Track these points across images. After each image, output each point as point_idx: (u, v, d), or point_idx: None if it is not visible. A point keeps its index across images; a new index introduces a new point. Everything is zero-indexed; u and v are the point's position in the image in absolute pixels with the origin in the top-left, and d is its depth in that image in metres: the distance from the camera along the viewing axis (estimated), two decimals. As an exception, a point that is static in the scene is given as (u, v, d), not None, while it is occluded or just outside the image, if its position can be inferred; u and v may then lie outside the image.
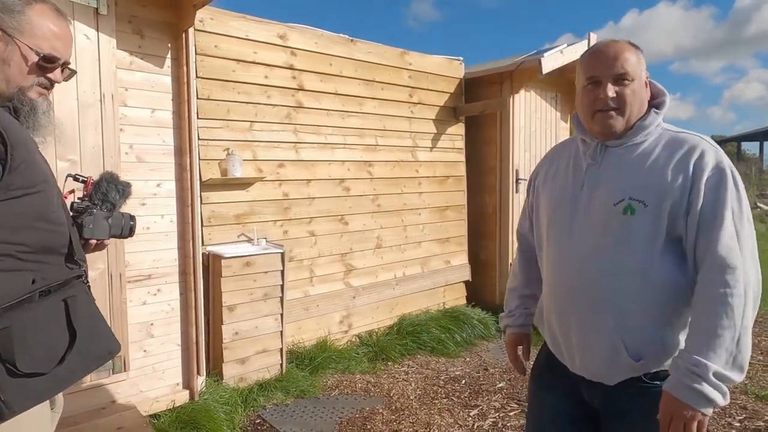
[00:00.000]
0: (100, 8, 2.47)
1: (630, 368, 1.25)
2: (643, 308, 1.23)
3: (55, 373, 1.03)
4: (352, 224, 3.98)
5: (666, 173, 1.21)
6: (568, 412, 1.41)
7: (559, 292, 1.36)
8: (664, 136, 1.29)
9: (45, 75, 1.13)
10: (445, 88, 4.64)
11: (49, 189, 1.08)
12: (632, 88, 1.26)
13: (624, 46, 1.28)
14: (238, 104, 3.32)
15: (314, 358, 3.53)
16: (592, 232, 1.29)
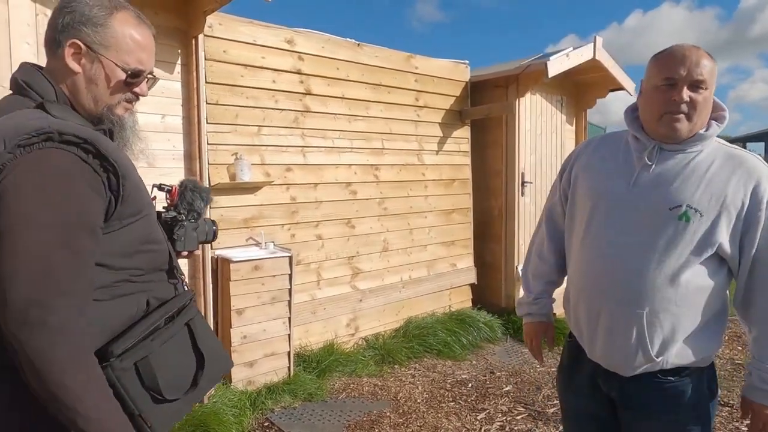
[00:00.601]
0: (112, 15, 2.49)
1: (649, 363, 1.32)
2: (675, 309, 1.28)
3: (188, 396, 1.05)
4: (358, 227, 4.00)
5: (726, 189, 1.25)
6: (593, 406, 1.48)
7: (594, 281, 1.39)
8: (719, 150, 1.31)
9: (132, 90, 1.08)
10: (451, 91, 4.65)
11: (152, 211, 1.08)
12: (705, 96, 1.27)
13: (704, 53, 1.28)
14: (246, 109, 3.35)
15: (321, 361, 3.55)
16: (640, 230, 1.31)
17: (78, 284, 0.87)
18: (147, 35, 1.10)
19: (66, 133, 0.90)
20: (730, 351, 4.11)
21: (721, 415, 3.03)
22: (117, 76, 1.04)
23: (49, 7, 2.33)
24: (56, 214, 0.87)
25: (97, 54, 1.03)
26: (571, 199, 1.51)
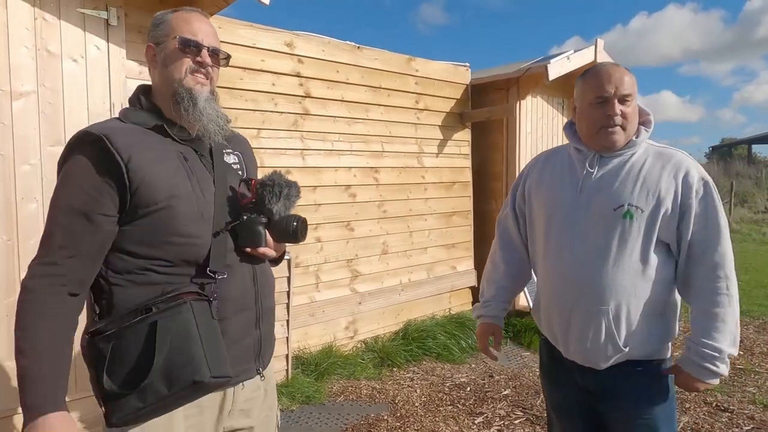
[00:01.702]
0: (111, 19, 2.50)
1: (619, 354, 1.43)
2: (635, 300, 1.40)
3: (140, 395, 1.05)
4: (358, 230, 4.00)
5: (660, 183, 1.39)
6: (574, 402, 1.59)
7: (561, 285, 1.50)
8: (650, 150, 1.46)
9: (193, 60, 1.19)
10: (451, 94, 4.65)
11: (177, 203, 1.11)
12: (632, 107, 1.43)
13: (625, 70, 1.44)
14: (246, 112, 3.35)
15: (320, 364, 3.55)
16: (593, 233, 1.43)
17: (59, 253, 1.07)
18: (199, 18, 1.24)
19: (90, 133, 1.10)
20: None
21: (721, 421, 3.01)
22: (172, 47, 1.19)
23: (47, 11, 2.34)
24: (62, 199, 1.09)
25: (159, 44, 1.21)
26: (528, 215, 1.65)
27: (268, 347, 1.33)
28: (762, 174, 18.62)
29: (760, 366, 3.87)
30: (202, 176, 1.20)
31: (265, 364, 1.31)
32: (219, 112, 1.24)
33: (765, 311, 5.30)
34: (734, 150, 29.47)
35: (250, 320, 1.24)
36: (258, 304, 1.25)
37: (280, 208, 1.21)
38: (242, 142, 1.44)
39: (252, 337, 1.25)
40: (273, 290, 1.36)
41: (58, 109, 2.38)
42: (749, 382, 3.56)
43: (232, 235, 1.20)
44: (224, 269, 1.16)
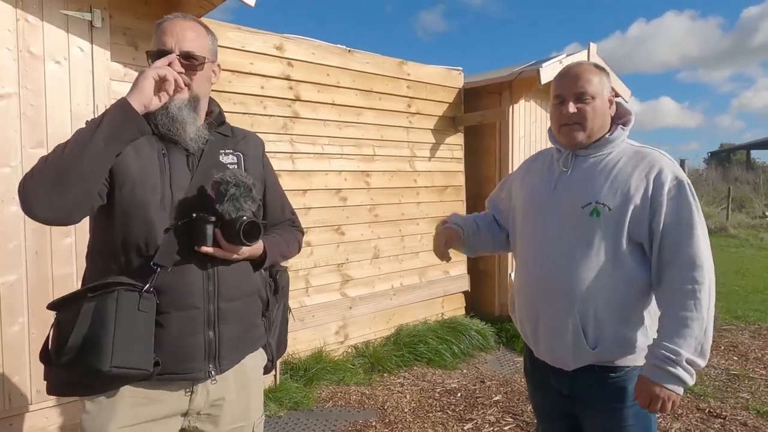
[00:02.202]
0: (95, 21, 2.49)
1: (587, 355, 1.40)
2: (604, 301, 1.37)
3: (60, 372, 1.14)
4: (348, 234, 3.97)
5: (629, 182, 1.37)
6: (552, 405, 1.59)
7: (531, 283, 1.51)
8: (627, 149, 1.44)
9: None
10: (444, 98, 4.63)
11: (142, 189, 1.18)
12: (593, 106, 1.42)
13: (587, 68, 1.45)
14: (234, 115, 3.33)
15: (309, 369, 3.51)
16: (562, 230, 1.44)
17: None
18: (169, 23, 1.26)
19: None
20: (726, 361, 4.06)
21: (713, 427, 2.97)
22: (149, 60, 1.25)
23: (30, 13, 2.32)
24: None
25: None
26: (512, 215, 1.66)
27: (233, 352, 1.29)
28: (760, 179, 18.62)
29: (755, 372, 3.84)
30: (179, 173, 1.24)
31: (224, 368, 1.28)
32: (195, 115, 1.26)
33: (761, 316, 5.27)
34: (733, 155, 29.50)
35: (197, 320, 1.22)
36: (212, 305, 1.23)
37: (228, 208, 1.18)
38: (250, 144, 1.42)
39: (200, 337, 1.22)
40: (247, 293, 1.32)
41: (40, 110, 2.36)
42: (743, 388, 3.52)
43: (186, 232, 1.19)
44: (168, 264, 1.17)
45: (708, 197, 15.92)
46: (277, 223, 1.48)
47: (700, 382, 3.59)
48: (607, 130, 1.46)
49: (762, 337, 4.63)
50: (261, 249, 1.31)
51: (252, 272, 1.33)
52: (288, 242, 1.45)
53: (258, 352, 1.40)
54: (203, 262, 1.22)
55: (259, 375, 1.41)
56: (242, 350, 1.33)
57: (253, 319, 1.35)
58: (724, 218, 13.06)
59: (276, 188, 1.50)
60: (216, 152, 1.31)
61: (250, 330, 1.35)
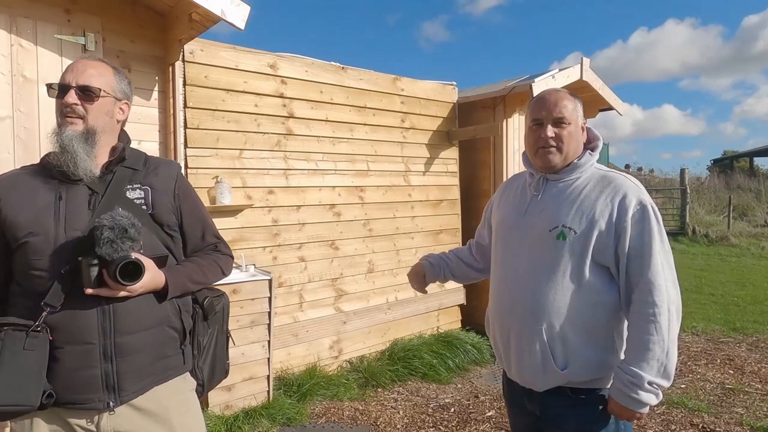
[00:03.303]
0: (88, 44, 2.54)
1: (556, 377, 1.42)
2: (571, 323, 1.40)
3: None
4: (343, 249, 4.00)
5: (595, 206, 1.41)
6: (524, 425, 1.60)
7: (502, 304, 1.55)
8: (595, 174, 1.49)
9: (61, 101, 1.32)
10: (438, 112, 4.68)
11: (33, 240, 1.27)
12: (569, 131, 1.48)
13: (563, 95, 1.50)
14: (228, 133, 3.38)
15: (302, 385, 3.52)
16: (530, 253, 1.49)
17: None
18: (75, 62, 1.36)
19: None
20: (721, 374, 4.04)
21: (706, 443, 2.96)
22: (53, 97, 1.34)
23: (24, 38, 2.38)
24: None
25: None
26: (491, 236, 1.73)
27: (135, 383, 1.33)
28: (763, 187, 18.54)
29: (750, 386, 3.82)
30: (76, 215, 1.29)
31: (125, 399, 1.32)
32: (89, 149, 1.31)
33: (759, 328, 5.25)
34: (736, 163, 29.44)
35: (92, 354, 1.27)
36: (108, 339, 1.28)
37: (106, 250, 1.22)
38: (160, 175, 1.44)
39: (96, 370, 1.28)
40: (149, 326, 1.35)
41: (34, 133, 2.41)
42: (738, 403, 3.51)
43: (75, 275, 1.26)
44: (57, 304, 1.25)
45: (710, 206, 15.85)
46: (197, 249, 1.51)
47: (694, 397, 3.58)
48: (578, 155, 1.51)
49: (759, 350, 4.61)
50: (162, 281, 1.34)
51: (157, 304, 1.36)
52: (203, 268, 1.46)
53: (178, 380, 1.42)
54: (95, 301, 1.27)
55: (182, 401, 1.42)
56: (148, 381, 1.36)
57: (161, 350, 1.37)
58: (725, 227, 13.00)
59: (194, 215, 1.50)
60: (121, 188, 1.34)
61: (158, 360, 1.37)
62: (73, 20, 2.52)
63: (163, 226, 1.40)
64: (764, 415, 3.33)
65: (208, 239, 1.54)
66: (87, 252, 1.25)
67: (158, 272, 1.32)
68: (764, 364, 4.30)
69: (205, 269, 1.47)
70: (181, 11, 2.64)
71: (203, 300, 1.48)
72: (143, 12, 2.78)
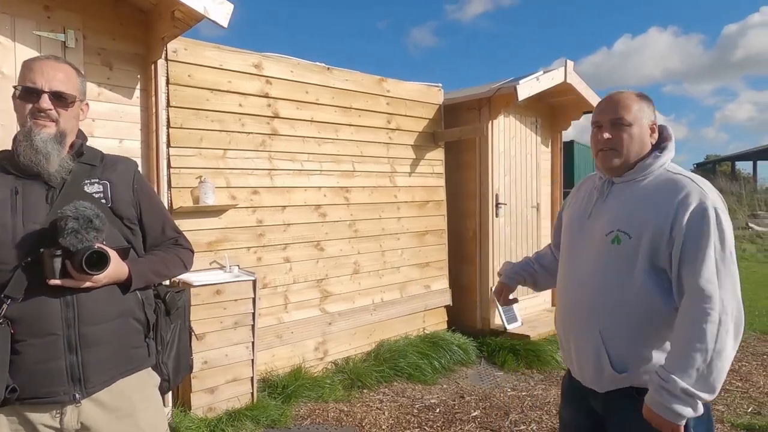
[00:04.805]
0: (68, 42, 2.51)
1: (614, 379, 1.41)
2: (625, 326, 1.39)
3: None
4: (328, 250, 3.98)
5: (651, 209, 1.38)
6: (584, 423, 1.58)
7: (564, 306, 1.58)
8: (663, 176, 1.44)
9: (33, 104, 1.31)
10: (423, 114, 4.69)
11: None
12: (629, 133, 1.45)
13: (625, 96, 1.48)
14: (212, 132, 3.36)
15: (287, 386, 3.50)
16: (589, 257, 1.49)
17: None
18: (38, 63, 1.34)
19: None
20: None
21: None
22: (16, 95, 1.34)
23: (2, 34, 2.34)
24: None
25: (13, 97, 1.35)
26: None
27: (101, 374, 1.33)
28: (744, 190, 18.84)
29: (731, 384, 3.88)
30: (34, 209, 1.30)
31: (92, 391, 1.32)
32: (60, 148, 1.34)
33: (740, 328, 5.32)
34: (718, 167, 29.92)
35: (56, 345, 1.27)
36: (72, 330, 1.29)
37: (70, 241, 1.23)
38: (118, 170, 1.47)
39: (61, 362, 1.27)
40: (113, 317, 1.35)
41: (12, 131, 2.35)
42: (718, 401, 3.55)
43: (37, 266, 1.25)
44: (18, 295, 1.25)
45: (693, 209, 16.08)
46: (158, 243, 1.52)
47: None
48: (643, 155, 1.47)
49: (739, 350, 4.68)
50: (125, 272, 1.36)
51: (121, 295, 1.37)
52: (165, 261, 1.49)
53: (143, 373, 1.44)
54: (58, 292, 1.27)
55: (146, 396, 1.43)
56: (114, 372, 1.36)
57: (126, 340, 1.39)
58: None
59: (153, 209, 1.53)
60: (79, 183, 1.36)
61: (123, 351, 1.38)
62: (53, 17, 2.49)
63: (123, 219, 1.42)
64: (744, 412, 3.38)
65: (169, 233, 1.55)
66: (49, 243, 1.25)
67: (121, 263, 1.34)
68: (744, 362, 4.37)
69: (168, 263, 1.50)
70: (164, 9, 2.62)
71: (165, 295, 1.51)
72: (125, 9, 2.76)
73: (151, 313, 1.47)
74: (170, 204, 3.12)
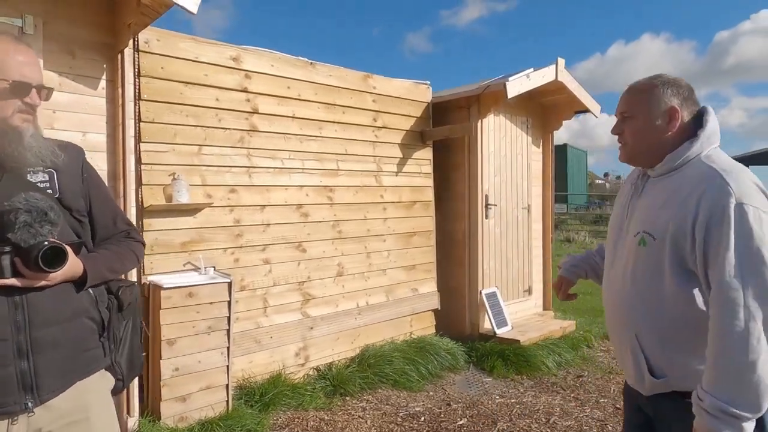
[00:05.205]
0: (26, 28, 2.36)
1: (655, 385, 1.36)
2: (658, 332, 1.33)
3: None
4: (310, 251, 3.83)
5: (673, 208, 1.29)
6: (636, 423, 1.54)
7: (607, 309, 1.53)
8: (695, 169, 1.31)
9: (22, 99, 1.22)
10: (411, 112, 4.56)
11: None
12: (631, 125, 1.40)
13: (631, 87, 1.43)
14: (186, 127, 3.20)
15: (265, 394, 3.34)
16: (622, 258, 1.43)
17: None
18: (27, 53, 1.25)
19: None
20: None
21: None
22: (2, 89, 1.19)
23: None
24: None
25: None
26: None
27: (56, 380, 1.23)
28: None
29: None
30: None
31: (45, 398, 1.21)
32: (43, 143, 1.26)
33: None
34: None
35: (5, 351, 1.15)
36: (22, 335, 1.17)
37: (22, 236, 1.13)
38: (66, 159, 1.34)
39: (11, 369, 1.16)
40: (68, 317, 1.26)
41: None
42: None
43: None
44: None
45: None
46: (108, 236, 1.44)
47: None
48: (669, 147, 1.35)
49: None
50: (80, 269, 1.26)
51: (75, 293, 1.27)
52: (120, 255, 1.41)
53: (98, 375, 1.35)
54: (5, 292, 1.15)
55: (101, 399, 1.35)
56: (69, 377, 1.27)
57: (81, 342, 1.29)
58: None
59: (104, 200, 1.44)
60: (22, 172, 1.24)
61: (78, 354, 1.28)
62: (10, 1, 2.34)
63: (72, 211, 1.31)
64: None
65: (120, 226, 1.48)
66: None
67: (76, 259, 1.25)
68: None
69: (122, 257, 1.42)
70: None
71: (117, 290, 1.41)
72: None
73: (104, 310, 1.37)
74: (141, 202, 2.97)
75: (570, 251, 12.24)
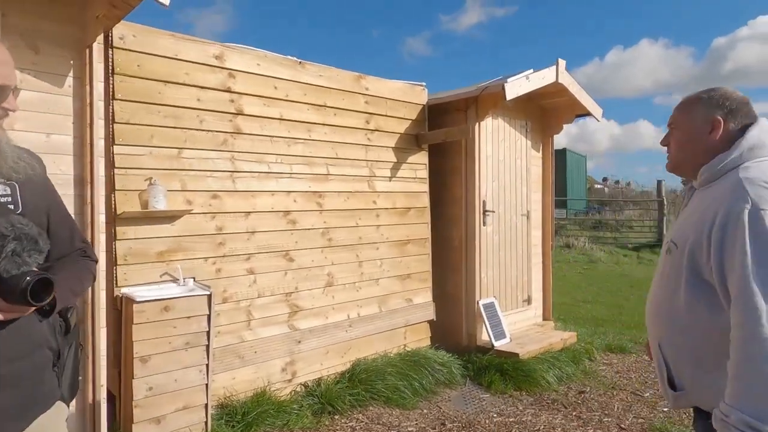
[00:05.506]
0: (-18, 19, 2.17)
1: (675, 397, 1.35)
2: (679, 344, 1.33)
3: None
4: (298, 260, 3.63)
5: (696, 217, 1.29)
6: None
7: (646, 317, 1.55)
8: (729, 180, 1.28)
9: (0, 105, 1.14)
10: (406, 114, 4.37)
11: None
12: (674, 136, 1.44)
13: (683, 100, 1.45)
14: (165, 129, 3.01)
15: (248, 413, 3.13)
16: (659, 267, 1.47)
17: None
18: (3, 52, 1.16)
19: None
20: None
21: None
22: None
23: None
24: None
25: None
26: None
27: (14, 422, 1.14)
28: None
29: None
30: None
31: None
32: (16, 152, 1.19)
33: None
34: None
35: None
36: None
37: (6, 266, 1.04)
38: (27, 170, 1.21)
39: None
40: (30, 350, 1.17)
41: None
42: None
43: None
44: None
45: (686, 218, 15.93)
46: (65, 254, 1.32)
47: (678, 422, 3.29)
48: (711, 159, 1.35)
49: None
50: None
51: (37, 323, 1.17)
52: (80, 277, 1.33)
53: (54, 408, 1.25)
54: None
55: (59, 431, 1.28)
56: (29, 416, 1.17)
57: (39, 376, 1.20)
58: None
59: (63, 216, 1.35)
60: None
61: (36, 390, 1.19)
62: (-35, -10, 2.15)
63: None
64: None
65: (77, 244, 1.38)
66: None
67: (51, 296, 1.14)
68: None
69: (82, 279, 1.35)
70: (99, -16, 2.29)
71: (67, 312, 1.31)
72: (58, -14, 2.42)
73: (60, 336, 1.29)
74: (114, 209, 2.77)
75: (569, 257, 12.06)
